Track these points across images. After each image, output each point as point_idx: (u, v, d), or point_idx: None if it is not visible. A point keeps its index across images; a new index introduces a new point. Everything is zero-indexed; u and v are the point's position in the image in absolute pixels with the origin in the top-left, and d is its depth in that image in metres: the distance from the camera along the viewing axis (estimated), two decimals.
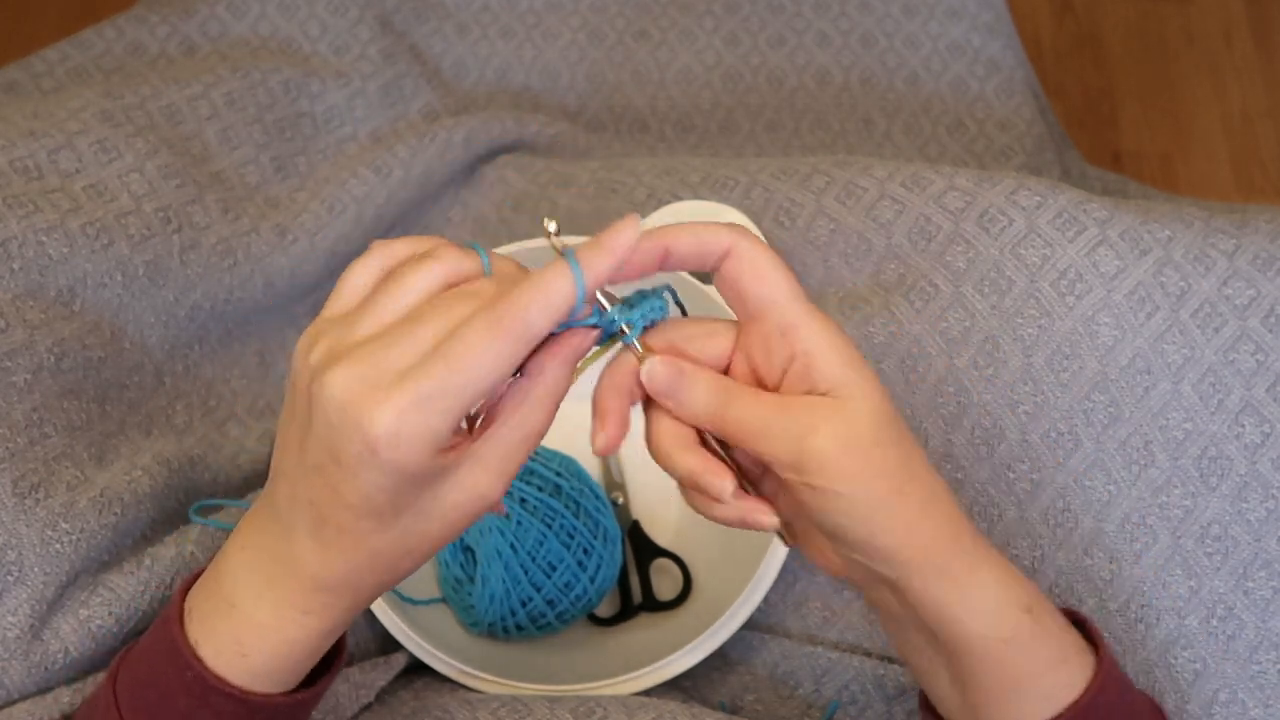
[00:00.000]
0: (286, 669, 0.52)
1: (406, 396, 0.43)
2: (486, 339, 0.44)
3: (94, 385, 0.73)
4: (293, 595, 0.50)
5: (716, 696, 0.76)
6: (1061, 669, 0.51)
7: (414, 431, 0.44)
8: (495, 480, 0.48)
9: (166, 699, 0.52)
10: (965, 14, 1.11)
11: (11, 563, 0.64)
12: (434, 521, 0.48)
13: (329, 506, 0.47)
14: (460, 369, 0.43)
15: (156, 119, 0.85)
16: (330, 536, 0.48)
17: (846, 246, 0.79)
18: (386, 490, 0.45)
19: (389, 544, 0.48)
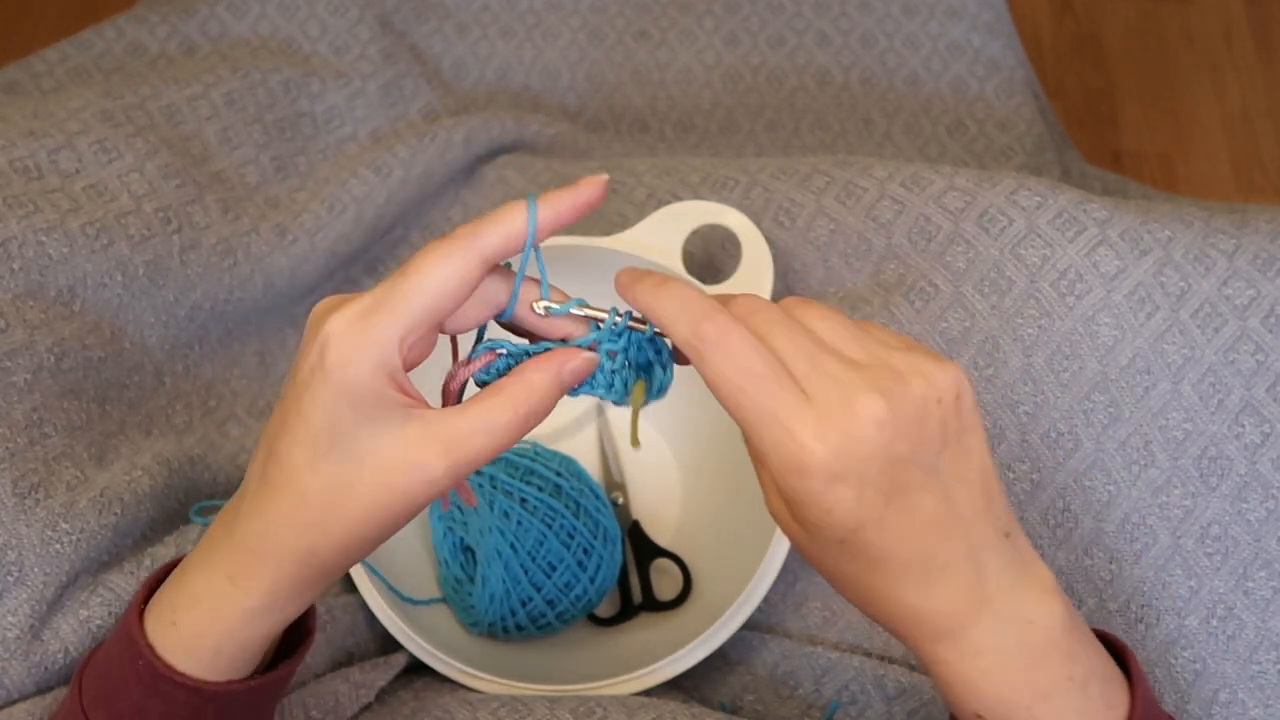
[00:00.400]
0: (216, 650, 0.50)
1: (361, 303, 0.46)
2: (436, 247, 0.46)
3: (94, 385, 0.73)
4: (222, 558, 0.49)
5: (716, 696, 0.76)
6: None
7: (358, 337, 0.45)
8: (439, 460, 0.46)
9: (120, 689, 0.52)
10: (965, 14, 1.11)
11: (11, 563, 0.64)
12: (365, 472, 0.46)
13: (276, 438, 0.47)
14: (410, 274, 0.46)
15: (156, 119, 0.85)
16: (270, 473, 0.47)
17: (846, 246, 0.79)
18: (325, 405, 0.45)
19: (317, 489, 0.46)
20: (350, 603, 0.75)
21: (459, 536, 0.78)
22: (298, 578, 0.49)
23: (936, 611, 0.48)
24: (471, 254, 0.46)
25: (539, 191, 0.94)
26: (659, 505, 0.84)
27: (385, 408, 0.46)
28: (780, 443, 0.45)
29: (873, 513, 0.45)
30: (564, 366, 0.49)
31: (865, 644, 0.74)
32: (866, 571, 0.47)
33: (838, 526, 0.45)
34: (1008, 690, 0.48)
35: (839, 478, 0.44)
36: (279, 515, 0.48)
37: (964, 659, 0.48)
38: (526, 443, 0.81)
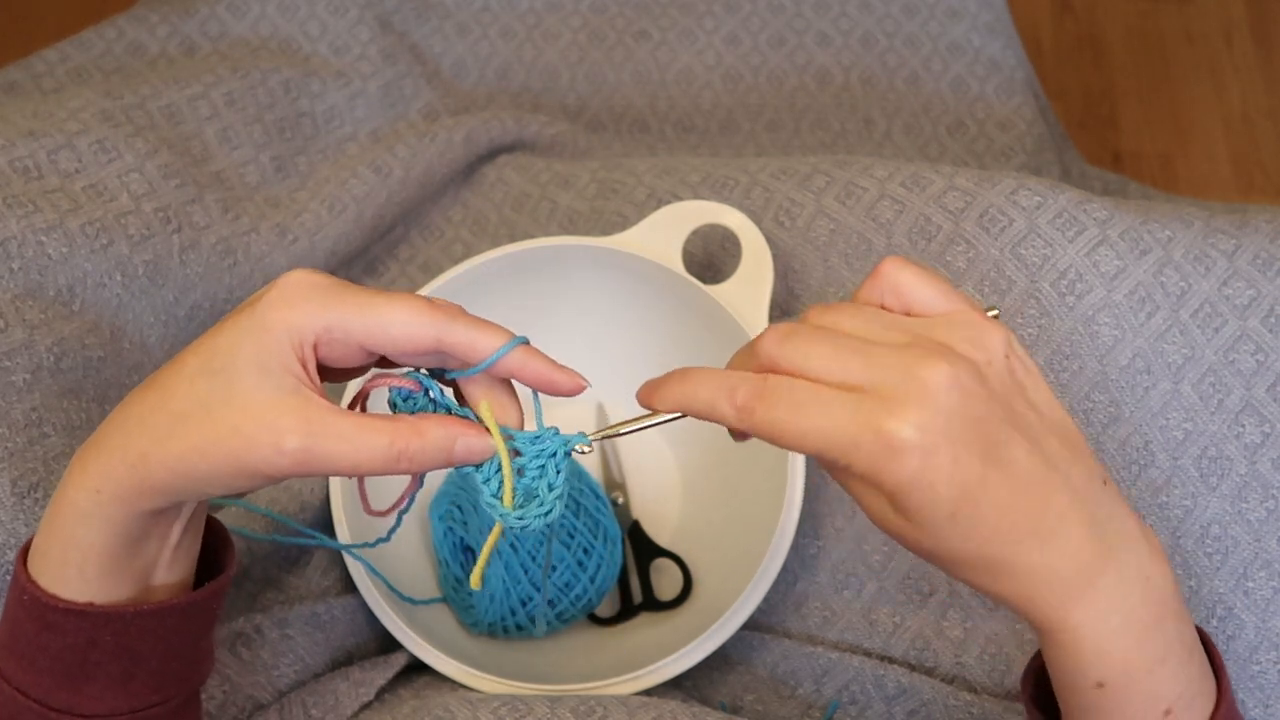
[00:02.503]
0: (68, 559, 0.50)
1: (328, 279, 0.48)
2: (415, 304, 0.48)
3: (94, 385, 0.73)
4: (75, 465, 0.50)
5: (717, 696, 0.76)
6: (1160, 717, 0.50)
7: (304, 295, 0.48)
8: (296, 437, 0.46)
9: (17, 628, 0.52)
10: (965, 14, 1.11)
11: (11, 563, 0.64)
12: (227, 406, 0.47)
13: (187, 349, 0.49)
14: (373, 301, 0.48)
15: (156, 119, 0.86)
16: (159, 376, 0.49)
17: (846, 246, 0.79)
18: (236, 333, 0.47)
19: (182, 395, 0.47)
20: (351, 603, 0.75)
21: (459, 536, 0.78)
22: (122, 481, 0.48)
23: (1063, 569, 0.47)
24: (435, 332, 0.48)
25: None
26: (659, 505, 0.84)
27: (282, 367, 0.47)
28: (868, 443, 0.44)
29: (972, 474, 0.45)
30: (461, 436, 0.50)
31: (865, 644, 0.74)
32: (985, 543, 0.46)
33: (944, 501, 0.45)
34: (1134, 652, 0.48)
35: (931, 450, 0.44)
36: (134, 410, 0.49)
37: (1097, 620, 0.48)
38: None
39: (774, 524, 0.73)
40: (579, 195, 0.92)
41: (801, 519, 0.73)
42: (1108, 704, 0.49)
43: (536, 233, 0.92)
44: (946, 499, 0.45)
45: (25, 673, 0.52)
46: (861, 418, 0.44)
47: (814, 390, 0.45)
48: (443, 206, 0.97)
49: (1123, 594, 0.48)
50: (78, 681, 0.52)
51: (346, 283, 0.49)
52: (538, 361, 0.50)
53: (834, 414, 0.45)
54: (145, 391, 0.49)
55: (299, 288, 0.48)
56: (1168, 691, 0.49)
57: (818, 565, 0.76)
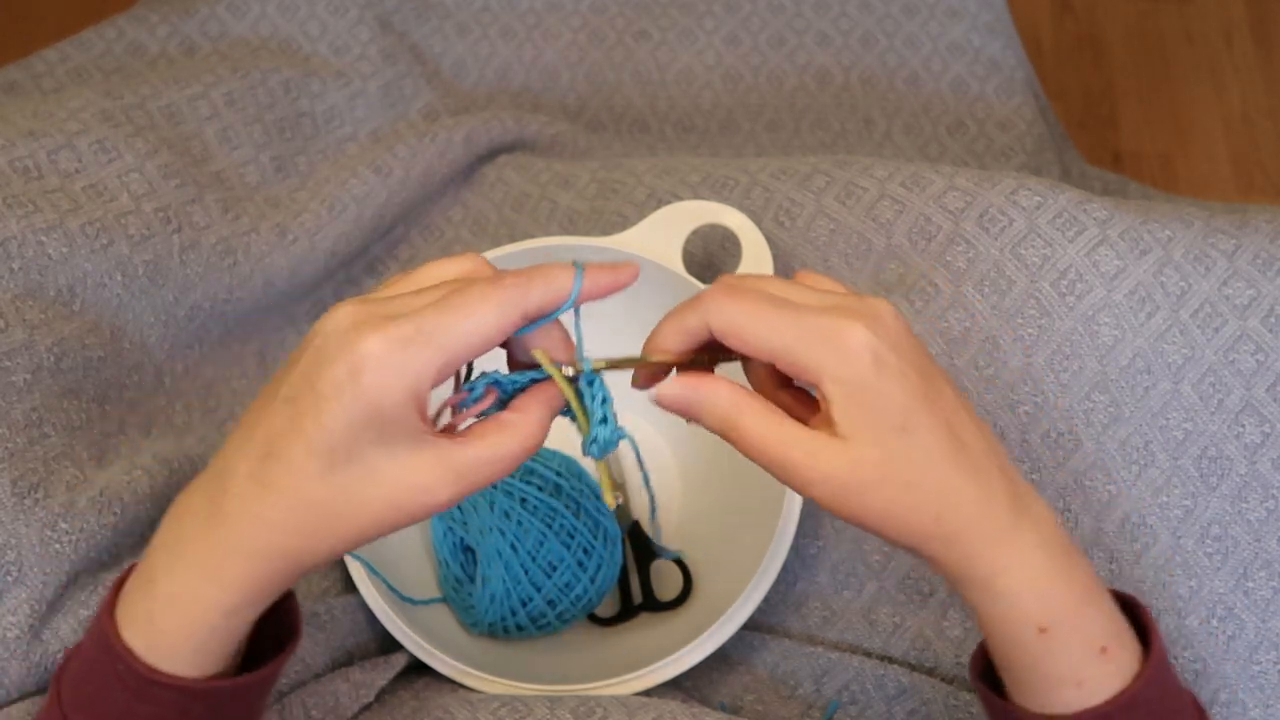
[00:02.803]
0: (196, 648, 0.50)
1: (401, 329, 0.46)
2: (482, 295, 0.47)
3: (94, 385, 0.73)
4: (202, 558, 0.49)
5: (717, 696, 0.76)
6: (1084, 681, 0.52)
7: (400, 362, 0.46)
8: (447, 483, 0.48)
9: (102, 693, 0.51)
10: (965, 14, 1.11)
11: (11, 563, 0.64)
12: (375, 489, 0.47)
13: (282, 437, 0.47)
14: (454, 313, 0.47)
15: (156, 119, 0.85)
16: (270, 474, 0.47)
17: (846, 246, 0.79)
18: (349, 423, 0.46)
19: (325, 497, 0.47)
20: (350, 603, 0.75)
21: (459, 536, 0.78)
22: (282, 574, 0.49)
23: (994, 508, 0.50)
24: (516, 309, 0.48)
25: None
26: (659, 505, 0.84)
27: (407, 433, 0.47)
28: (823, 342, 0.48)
29: (918, 389, 0.48)
30: (556, 400, 0.52)
31: (865, 644, 0.74)
32: (926, 469, 0.49)
33: (896, 409, 0.48)
34: (1064, 590, 0.51)
35: (883, 357, 0.48)
36: (276, 518, 0.48)
37: (1026, 560, 0.50)
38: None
39: (774, 524, 0.73)
40: (579, 195, 0.92)
41: (801, 519, 0.73)
42: (1053, 647, 0.51)
43: (536, 233, 0.92)
44: (900, 407, 0.48)
45: None
46: (818, 320, 0.48)
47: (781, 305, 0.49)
48: (443, 206, 0.97)
49: (1041, 536, 0.51)
50: None
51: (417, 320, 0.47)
52: (600, 274, 0.50)
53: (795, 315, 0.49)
54: (263, 495, 0.48)
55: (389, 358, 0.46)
56: (1100, 629, 0.52)
57: (818, 565, 0.76)
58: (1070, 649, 0.51)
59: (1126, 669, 0.52)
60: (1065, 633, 0.51)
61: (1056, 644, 0.51)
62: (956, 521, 0.50)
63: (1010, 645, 0.52)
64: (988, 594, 0.51)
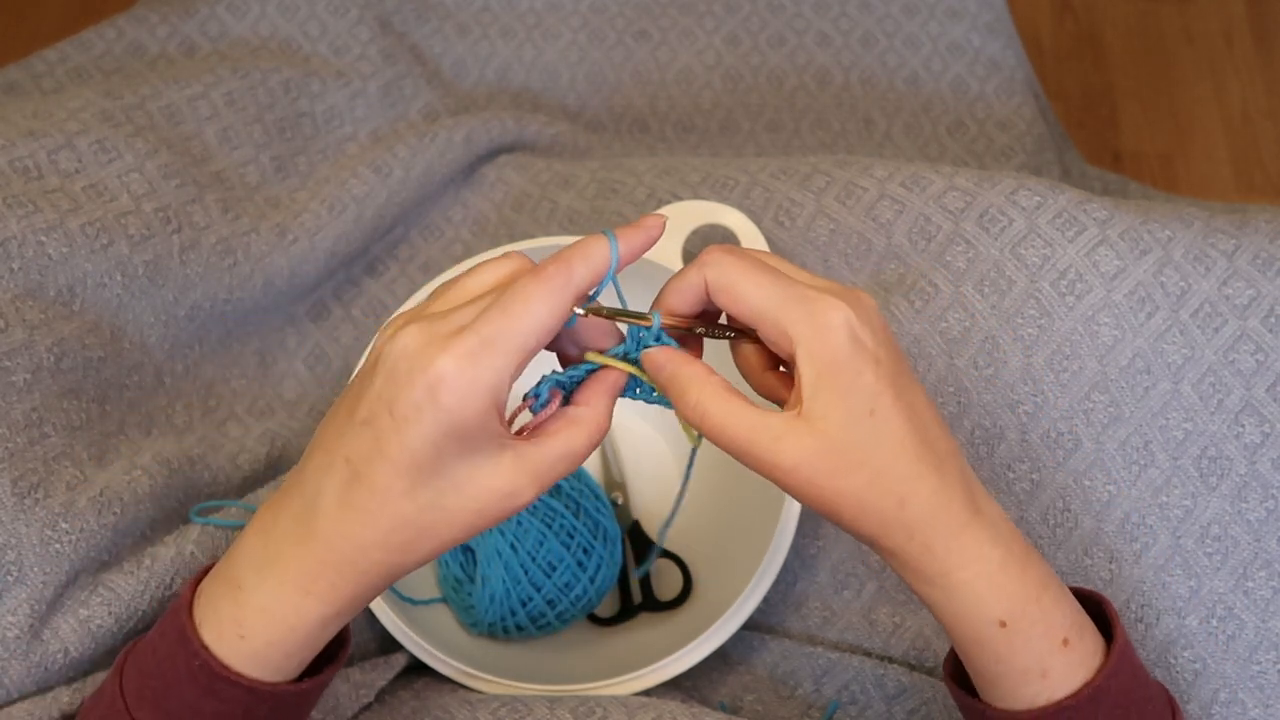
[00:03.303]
0: (285, 655, 0.52)
1: (468, 343, 0.47)
2: (533, 283, 0.48)
3: (93, 385, 0.73)
4: (297, 574, 0.50)
5: (716, 696, 0.76)
6: (1049, 672, 0.52)
7: (474, 374, 0.47)
8: (530, 483, 0.50)
9: (172, 688, 0.52)
10: (965, 14, 1.11)
11: (11, 563, 0.64)
12: (462, 499, 0.49)
13: (367, 462, 0.48)
14: (512, 312, 0.47)
15: (156, 119, 0.85)
16: (358, 497, 0.49)
17: (846, 246, 0.79)
18: (433, 440, 0.47)
19: (414, 513, 0.48)
20: None
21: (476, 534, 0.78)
22: (376, 586, 0.51)
23: (953, 500, 0.51)
24: (569, 292, 0.49)
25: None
26: (659, 505, 0.84)
27: (488, 440, 0.48)
28: (807, 314, 0.49)
29: (890, 375, 0.50)
30: (616, 383, 0.53)
31: (865, 644, 0.74)
32: (893, 456, 0.49)
33: (867, 390, 0.49)
34: (1020, 583, 0.52)
35: (859, 336, 0.49)
36: (370, 537, 0.49)
37: (983, 554, 0.51)
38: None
39: (774, 524, 0.73)
40: (579, 195, 0.92)
41: (801, 519, 0.73)
42: (1015, 641, 0.52)
43: (536, 233, 0.92)
44: (870, 390, 0.49)
45: None
46: (804, 291, 0.50)
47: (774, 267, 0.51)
48: (443, 206, 0.97)
49: (995, 531, 0.52)
50: None
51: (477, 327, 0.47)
52: (632, 236, 0.51)
53: (784, 283, 0.50)
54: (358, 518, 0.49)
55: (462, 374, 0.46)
56: (1059, 622, 0.53)
57: (818, 565, 0.76)
58: (1031, 642, 0.52)
59: (1090, 661, 0.53)
60: (1025, 625, 0.52)
61: (1018, 638, 0.52)
62: (918, 510, 0.50)
63: (972, 642, 0.53)
64: (945, 589, 0.52)
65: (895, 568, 0.53)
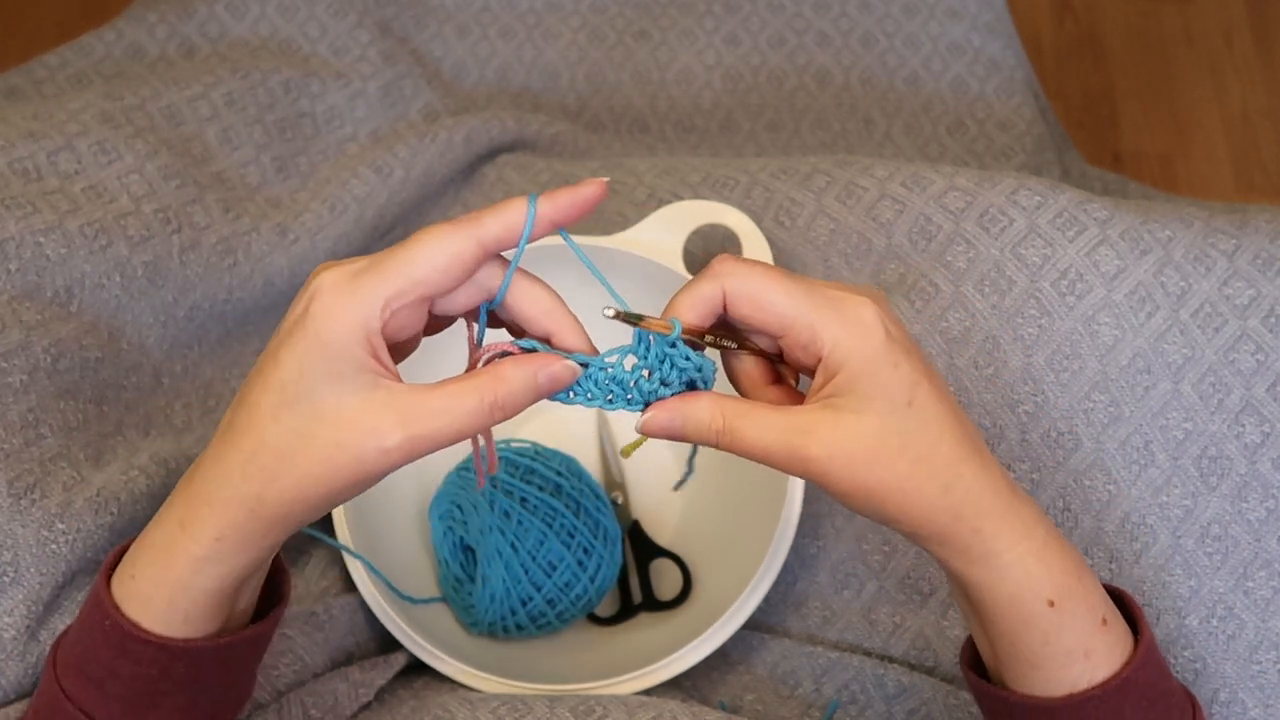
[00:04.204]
0: (170, 601, 0.51)
1: (353, 265, 0.47)
2: (435, 229, 0.48)
3: (91, 386, 0.73)
4: (177, 506, 0.51)
5: (716, 696, 0.76)
6: (1092, 652, 0.53)
7: (347, 296, 0.46)
8: (396, 430, 0.47)
9: (90, 651, 0.52)
10: (965, 14, 1.11)
11: (7, 563, 0.64)
12: (324, 427, 0.47)
13: (249, 386, 0.49)
14: (408, 247, 0.47)
15: (156, 120, 0.86)
16: (238, 420, 0.49)
17: (847, 246, 0.79)
18: (299, 356, 0.47)
19: (274, 435, 0.47)
20: (350, 602, 0.75)
21: (459, 536, 0.78)
22: (244, 526, 0.49)
23: (997, 486, 0.51)
24: (470, 238, 0.48)
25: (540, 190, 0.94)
26: (659, 505, 0.84)
27: (355, 368, 0.47)
28: (839, 314, 0.49)
29: (922, 367, 0.50)
30: (542, 368, 0.50)
31: (865, 644, 0.74)
32: (935, 442, 0.49)
33: (905, 379, 0.49)
34: (1065, 563, 0.52)
35: (892, 331, 0.49)
36: (234, 459, 0.49)
37: (1030, 533, 0.52)
38: (526, 442, 0.81)
39: (774, 524, 0.73)
40: None
41: (801, 519, 0.73)
42: (1064, 619, 0.52)
43: None
44: (909, 381, 0.49)
45: (92, 696, 0.53)
46: (832, 292, 0.50)
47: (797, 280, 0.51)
48: (443, 206, 0.97)
49: (1034, 516, 0.52)
50: (144, 709, 0.53)
51: (371, 257, 0.48)
52: (561, 196, 0.50)
53: (809, 285, 0.50)
54: (232, 440, 0.49)
55: (336, 286, 0.47)
56: (1098, 602, 0.53)
57: (818, 565, 0.76)
58: (1077, 620, 0.52)
59: (1124, 646, 0.54)
60: (1073, 604, 0.52)
61: (1066, 616, 0.52)
62: (963, 494, 0.50)
63: (1020, 623, 0.52)
64: (995, 570, 0.51)
65: (941, 555, 0.52)
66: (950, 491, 0.50)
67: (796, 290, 0.49)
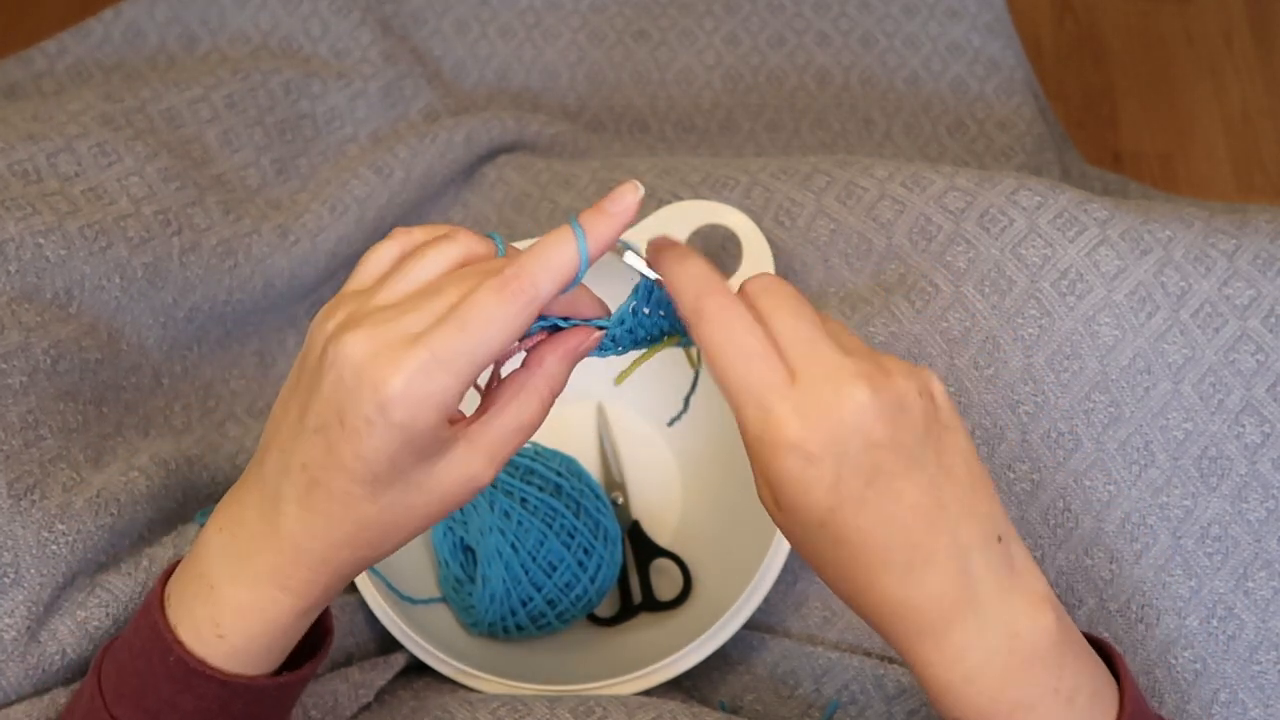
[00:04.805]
0: (265, 649, 0.52)
1: (420, 357, 0.45)
2: (495, 301, 0.46)
3: (91, 387, 0.73)
4: (271, 571, 0.50)
5: (716, 696, 0.76)
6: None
7: (426, 392, 0.45)
8: (486, 464, 0.49)
9: (149, 685, 0.52)
10: (965, 14, 1.11)
11: (8, 564, 0.64)
12: (424, 495, 0.48)
13: (324, 470, 0.47)
14: (471, 330, 0.45)
15: (156, 122, 0.86)
16: (319, 503, 0.48)
17: (847, 246, 0.79)
18: (388, 454, 0.46)
19: (377, 514, 0.48)
20: (350, 603, 0.75)
21: (459, 536, 0.78)
22: (347, 576, 0.51)
23: (919, 606, 0.48)
24: (530, 308, 0.47)
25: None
26: (659, 505, 0.84)
27: (442, 445, 0.48)
28: (759, 419, 0.46)
29: (851, 493, 0.46)
30: (577, 347, 0.51)
31: (865, 644, 0.74)
32: (850, 559, 0.48)
33: (815, 507, 0.46)
34: (988, 699, 0.49)
35: (815, 457, 0.45)
36: (335, 536, 0.49)
37: (946, 662, 0.48)
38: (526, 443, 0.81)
39: (775, 525, 0.73)
40: (579, 195, 0.92)
41: None
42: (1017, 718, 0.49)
43: (537, 233, 0.92)
44: (817, 506, 0.46)
45: None
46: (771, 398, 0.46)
47: (755, 339, 0.47)
48: (443, 207, 0.97)
49: (979, 644, 0.48)
50: None
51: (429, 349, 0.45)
52: (598, 226, 0.48)
53: (757, 380, 0.46)
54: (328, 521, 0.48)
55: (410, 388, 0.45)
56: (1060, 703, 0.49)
57: None
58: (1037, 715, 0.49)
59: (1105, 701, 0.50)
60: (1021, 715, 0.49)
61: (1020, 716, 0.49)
62: (873, 607, 0.49)
63: None
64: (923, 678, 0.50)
65: None
66: (858, 598, 0.49)
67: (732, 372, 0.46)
